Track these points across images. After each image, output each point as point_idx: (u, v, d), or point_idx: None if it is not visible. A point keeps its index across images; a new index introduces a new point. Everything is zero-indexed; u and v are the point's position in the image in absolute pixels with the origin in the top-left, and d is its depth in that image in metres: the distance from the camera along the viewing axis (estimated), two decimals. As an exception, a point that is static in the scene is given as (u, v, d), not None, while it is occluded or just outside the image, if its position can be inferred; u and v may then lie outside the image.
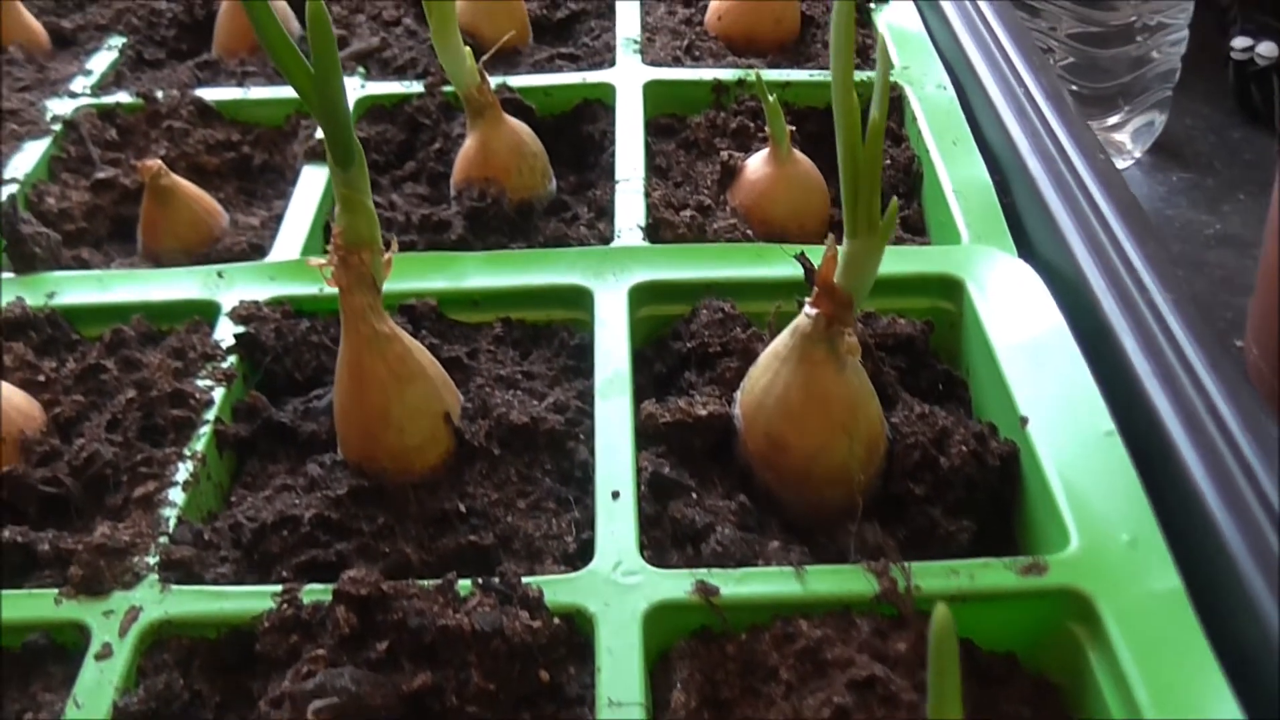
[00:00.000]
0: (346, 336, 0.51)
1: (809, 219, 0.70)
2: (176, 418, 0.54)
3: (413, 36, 0.83)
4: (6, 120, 0.77)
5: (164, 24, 0.88)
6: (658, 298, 0.61)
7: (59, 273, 0.65)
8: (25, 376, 0.58)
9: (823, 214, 0.71)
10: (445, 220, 0.67)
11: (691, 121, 0.76)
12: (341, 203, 0.48)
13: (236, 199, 0.76)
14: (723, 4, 0.83)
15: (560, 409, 0.56)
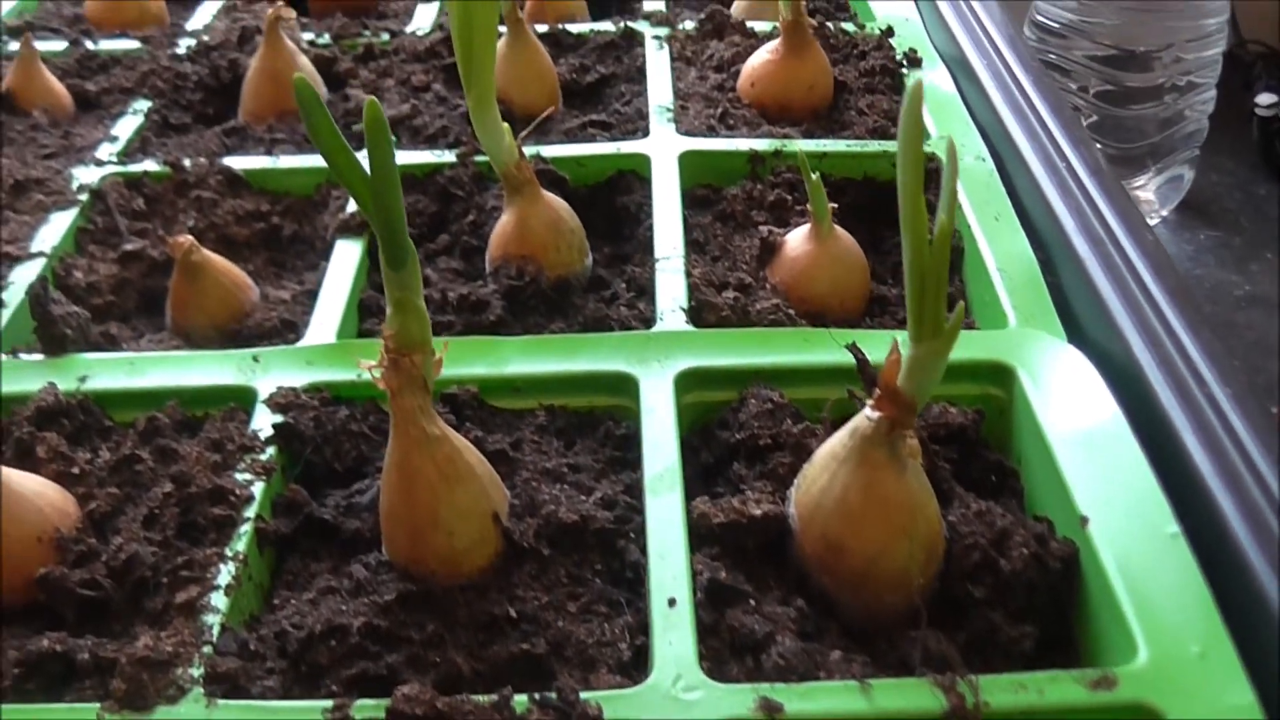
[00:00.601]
0: (396, 438, 0.50)
1: (850, 296, 0.69)
2: (217, 516, 0.53)
3: (443, 103, 0.82)
4: (33, 190, 0.76)
5: (189, 87, 0.87)
6: (703, 384, 0.60)
7: (89, 355, 0.64)
8: (59, 469, 0.57)
9: (863, 290, 0.70)
10: (483, 300, 0.66)
11: (728, 193, 0.75)
12: (394, 305, 0.47)
13: (266, 271, 0.75)
14: (755, 70, 0.82)
15: (609, 504, 0.55)
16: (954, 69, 0.86)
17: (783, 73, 0.81)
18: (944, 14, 0.91)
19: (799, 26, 0.80)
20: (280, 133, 0.81)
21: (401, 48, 0.89)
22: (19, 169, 0.78)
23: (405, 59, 0.87)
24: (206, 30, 0.94)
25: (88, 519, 0.55)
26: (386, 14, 0.98)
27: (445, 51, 0.87)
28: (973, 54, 0.84)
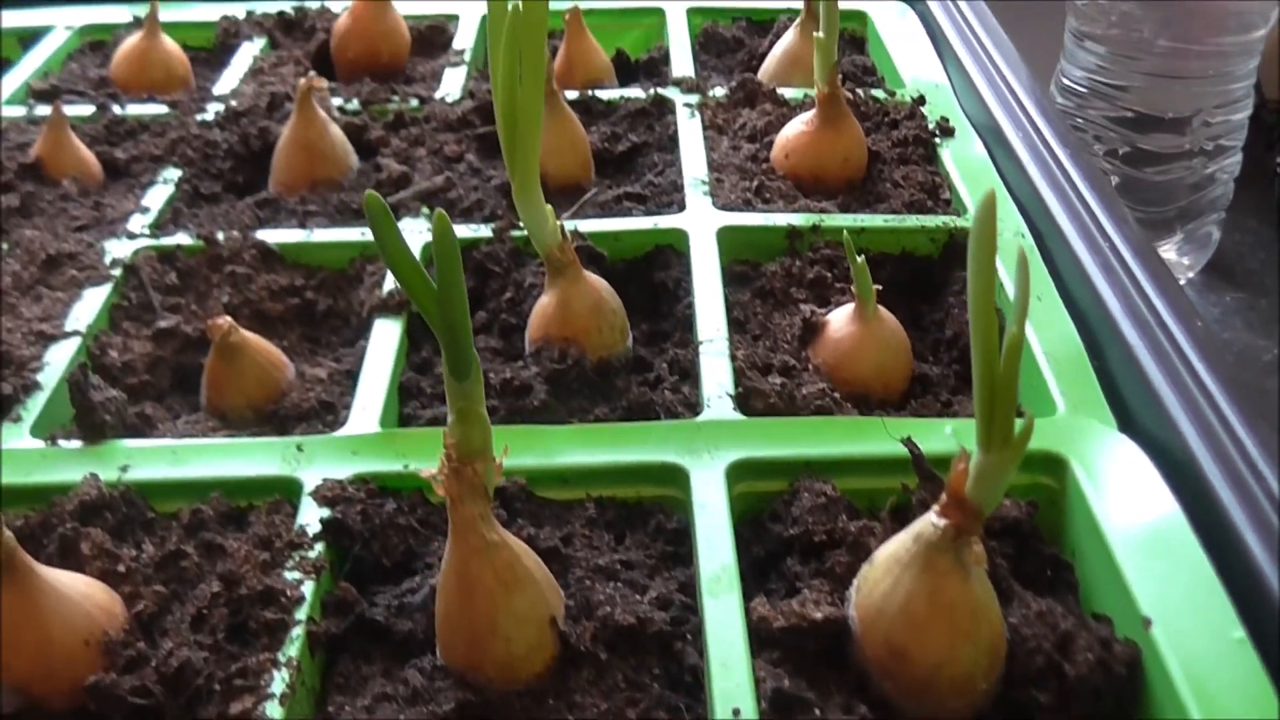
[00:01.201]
0: (454, 545, 0.49)
1: (893, 377, 0.68)
2: (269, 620, 0.52)
3: (477, 174, 0.82)
4: (66, 264, 0.76)
5: (219, 156, 0.87)
6: (753, 474, 0.60)
7: (129, 442, 0.63)
8: (104, 566, 0.56)
9: (906, 371, 0.69)
10: (526, 384, 0.65)
11: (767, 270, 0.74)
12: (457, 414, 0.47)
13: (300, 347, 0.74)
14: (790, 141, 0.82)
15: (664, 604, 0.54)
16: (986, 138, 0.85)
17: (818, 144, 0.81)
18: (974, 79, 0.90)
19: (834, 99, 0.80)
20: (313, 204, 0.81)
21: (432, 115, 0.88)
22: (51, 242, 0.77)
23: (437, 127, 0.87)
24: (234, 95, 0.94)
25: (135, 620, 0.54)
26: (414, 77, 0.98)
27: (477, 120, 0.87)
28: (1006, 123, 0.84)
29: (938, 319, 0.74)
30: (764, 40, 1.01)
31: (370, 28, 0.96)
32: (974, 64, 0.92)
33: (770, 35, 1.00)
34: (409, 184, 0.81)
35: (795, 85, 0.93)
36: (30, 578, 0.51)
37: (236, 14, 1.07)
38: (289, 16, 1.06)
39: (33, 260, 0.76)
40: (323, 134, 0.83)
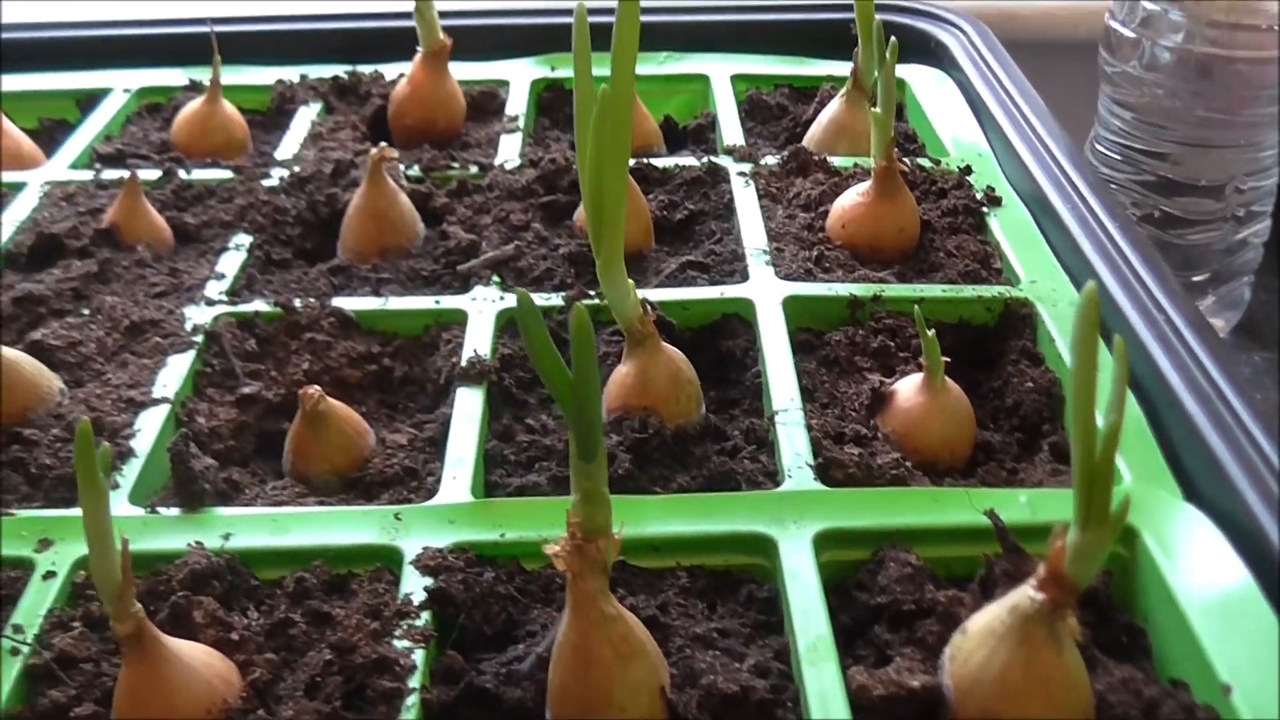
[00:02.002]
0: (573, 619, 0.51)
1: (959, 445, 0.71)
2: (386, 689, 0.54)
3: (544, 243, 0.84)
4: (149, 331, 0.78)
5: (288, 222, 0.89)
6: (837, 544, 0.62)
7: (229, 510, 0.65)
8: (217, 635, 0.57)
9: (970, 439, 0.72)
10: (609, 453, 0.67)
11: (831, 339, 0.77)
12: (582, 494, 0.49)
13: (378, 412, 0.76)
14: (846, 211, 0.85)
15: (762, 672, 0.56)
16: (1032, 207, 0.88)
17: (874, 215, 0.84)
18: (1016, 147, 0.94)
19: (891, 172, 0.82)
20: (385, 272, 0.83)
21: (496, 184, 0.91)
22: (133, 309, 0.79)
23: (500, 195, 0.89)
24: (297, 161, 0.96)
25: (251, 688, 0.56)
26: (470, 143, 1.00)
27: (541, 189, 0.89)
28: (1052, 193, 0.87)
29: (996, 387, 0.76)
30: (807, 107, 1.04)
31: (428, 95, 0.99)
32: (1015, 132, 0.95)
33: (814, 103, 1.03)
34: (477, 252, 0.84)
35: (841, 153, 0.95)
36: (157, 649, 0.53)
37: (290, 78, 1.10)
38: (343, 81, 1.08)
39: (116, 326, 0.78)
40: (393, 202, 0.85)
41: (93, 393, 0.73)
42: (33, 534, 0.64)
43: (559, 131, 1.05)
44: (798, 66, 1.10)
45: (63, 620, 0.59)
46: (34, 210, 0.92)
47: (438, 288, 0.83)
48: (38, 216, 0.91)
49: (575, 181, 0.90)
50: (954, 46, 1.08)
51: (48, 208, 0.92)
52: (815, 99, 1.04)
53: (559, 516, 0.62)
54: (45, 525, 0.64)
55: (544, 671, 0.55)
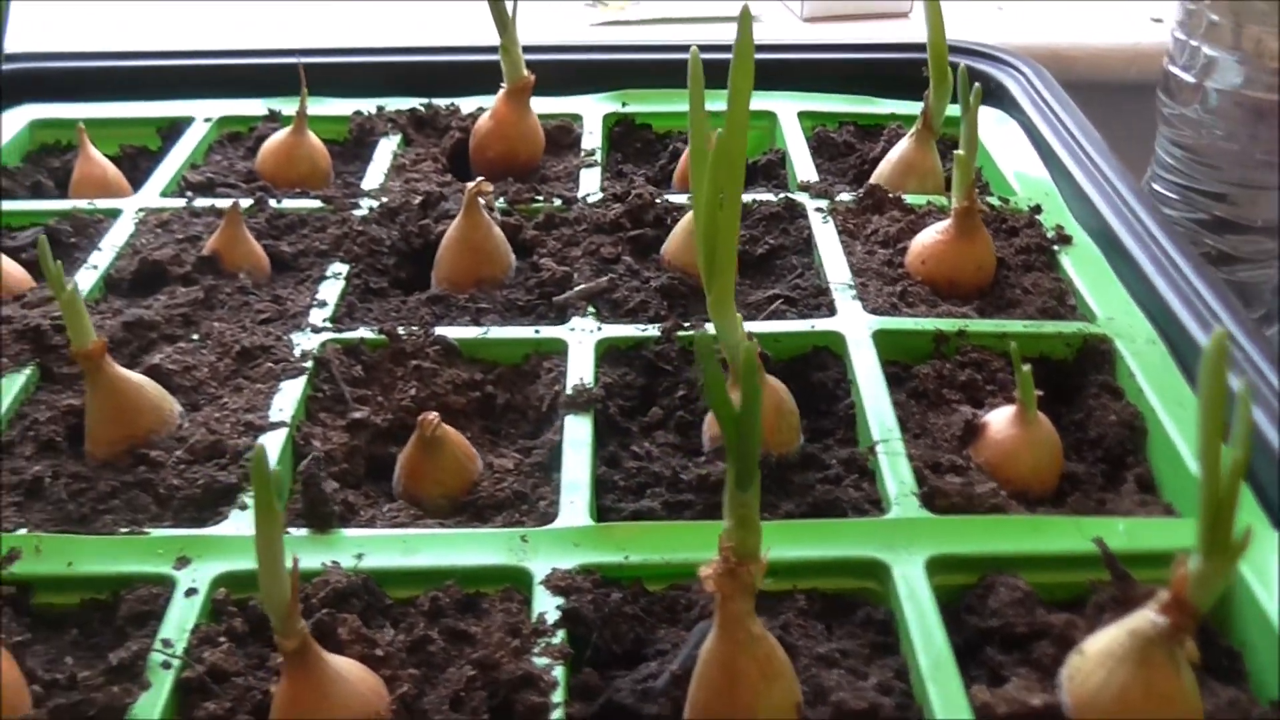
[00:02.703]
0: (721, 639, 0.54)
1: (1048, 476, 0.74)
2: (533, 704, 0.57)
3: (635, 276, 0.87)
4: (260, 356, 0.80)
5: (384, 252, 0.92)
6: (946, 569, 0.65)
7: (355, 531, 0.68)
8: (362, 651, 0.60)
9: (1058, 470, 0.75)
10: (719, 481, 0.70)
11: (918, 371, 0.80)
12: (737, 520, 0.52)
13: (482, 438, 0.79)
14: (926, 248, 0.88)
15: (886, 690, 0.59)
16: (1100, 245, 0.91)
17: (954, 253, 0.87)
18: (1083, 186, 0.97)
19: (971, 212, 0.86)
20: (483, 302, 0.86)
21: (583, 218, 0.94)
22: (242, 335, 0.82)
23: (588, 229, 0.92)
24: (383, 191, 0.99)
25: (398, 702, 0.58)
26: (549, 176, 1.03)
27: (628, 224, 0.92)
28: (1122, 232, 0.90)
29: (1077, 420, 0.79)
30: (874, 145, 1.07)
31: (510, 130, 1.02)
32: (1081, 171, 0.98)
33: (882, 141, 1.07)
34: (570, 283, 0.87)
35: (910, 191, 0.99)
36: (318, 664, 0.55)
37: (366, 109, 1.13)
38: (421, 113, 1.12)
39: (227, 352, 0.81)
40: (488, 235, 0.88)
41: (211, 416, 0.76)
42: (169, 552, 0.66)
43: (632, 165, 1.08)
44: (862, 105, 1.13)
45: (209, 636, 0.62)
46: (131, 236, 0.95)
47: (534, 318, 0.85)
48: (136, 243, 0.94)
49: (660, 216, 0.93)
50: (1013, 87, 1.12)
51: (144, 234, 0.95)
52: (882, 137, 1.08)
53: (678, 541, 0.66)
54: (182, 544, 0.67)
55: (678, 689, 0.58)
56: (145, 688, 0.59)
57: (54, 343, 0.82)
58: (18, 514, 0.70)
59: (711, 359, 0.50)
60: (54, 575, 0.66)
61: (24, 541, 0.67)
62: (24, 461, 0.74)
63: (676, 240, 0.89)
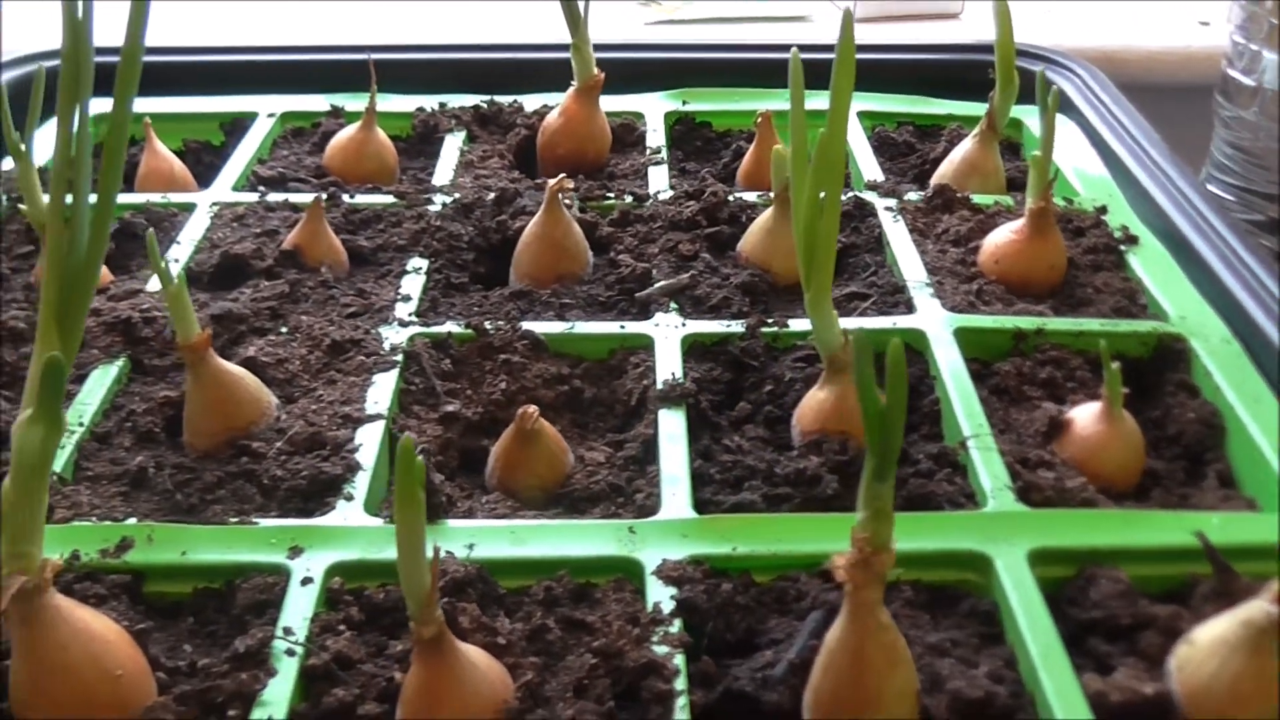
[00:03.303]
0: (850, 626, 0.55)
1: (1132, 472, 0.76)
2: (660, 690, 0.58)
3: (715, 273, 0.89)
4: (351, 350, 0.82)
5: (462, 247, 0.93)
6: (1045, 562, 0.66)
7: (462, 522, 0.69)
8: (484, 639, 0.61)
9: (1141, 466, 0.76)
10: (815, 475, 0.72)
11: (999, 369, 0.81)
12: (874, 511, 0.53)
13: (570, 432, 0.80)
14: (1000, 248, 0.89)
15: (998, 679, 0.60)
16: (1166, 245, 0.93)
17: (1027, 252, 0.88)
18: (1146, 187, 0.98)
19: (1046, 212, 0.87)
20: (566, 297, 0.87)
21: (658, 215, 0.95)
22: (330, 329, 0.83)
23: (663, 226, 0.94)
24: (454, 187, 1.00)
25: (524, 689, 0.59)
26: (616, 174, 1.05)
27: (704, 221, 0.94)
28: (1189, 232, 0.92)
29: (1155, 417, 0.81)
30: (933, 145, 1.09)
31: (581, 127, 1.03)
32: (1144, 172, 1.00)
33: (943, 141, 1.08)
34: (650, 279, 0.88)
35: (972, 191, 1.00)
36: (452, 652, 0.56)
37: (429, 105, 1.14)
38: (484, 110, 1.13)
39: (317, 345, 0.82)
40: (569, 231, 0.89)
41: (307, 409, 0.77)
42: (281, 541, 0.67)
43: (695, 163, 1.10)
44: (920, 105, 1.15)
45: (330, 624, 0.63)
46: (207, 230, 0.96)
47: (616, 313, 0.87)
48: (213, 237, 0.95)
49: (735, 214, 0.95)
50: (1069, 89, 1.14)
51: (220, 228, 0.96)
52: (943, 137, 1.09)
53: (783, 533, 0.68)
54: (293, 534, 0.68)
55: (796, 677, 0.59)
56: (271, 675, 0.60)
57: (143, 335, 0.83)
58: (125, 504, 0.71)
59: (868, 357, 0.51)
60: (167, 564, 0.67)
61: (136, 531, 0.68)
62: (124, 452, 0.75)
63: (754, 237, 0.90)
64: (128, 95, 0.58)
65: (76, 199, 0.57)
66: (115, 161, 0.59)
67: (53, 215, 0.57)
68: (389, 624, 0.64)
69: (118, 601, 0.65)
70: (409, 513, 0.53)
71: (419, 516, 0.53)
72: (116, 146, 0.59)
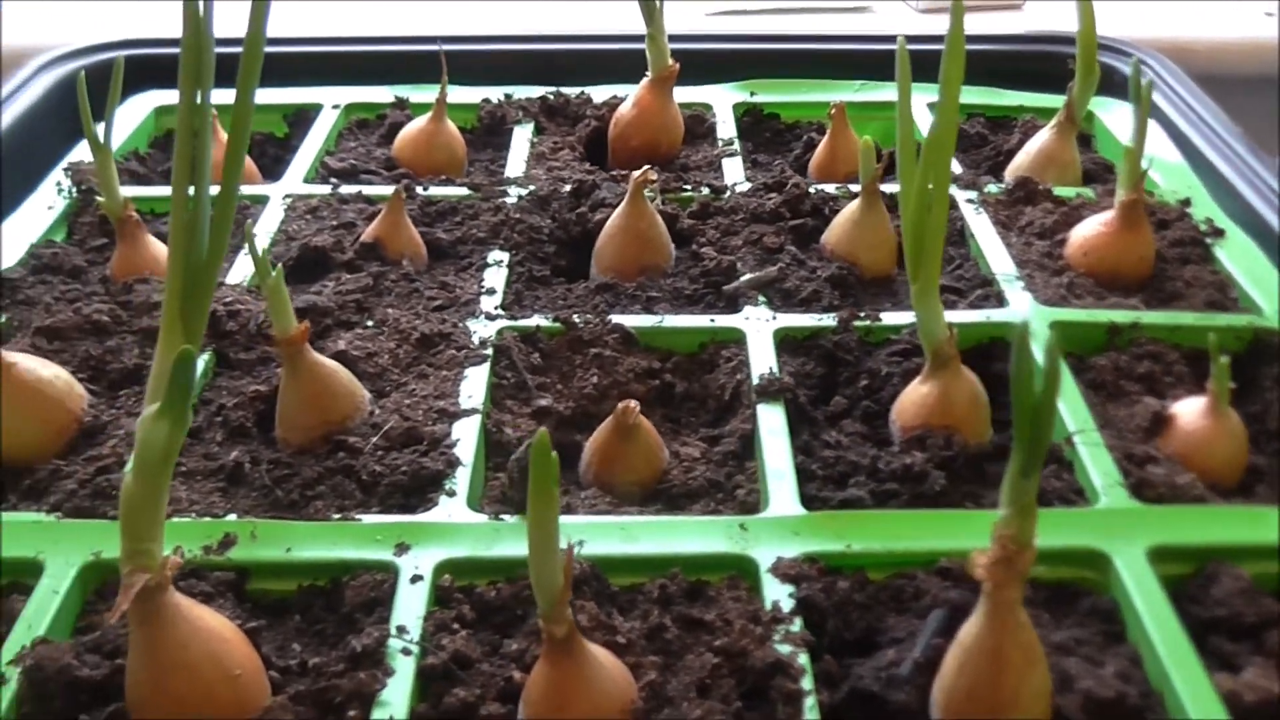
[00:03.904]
0: (989, 625, 0.54)
1: (1237, 467, 0.75)
2: (789, 690, 0.57)
3: (801, 265, 0.88)
4: (440, 343, 0.81)
5: (543, 240, 0.92)
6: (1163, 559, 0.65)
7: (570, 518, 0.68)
8: (605, 639, 0.60)
9: (1245, 462, 0.75)
10: (922, 471, 0.71)
11: (1094, 363, 0.80)
12: (1019, 508, 0.52)
13: (663, 427, 0.79)
14: (1089, 240, 0.88)
15: (1125, 679, 0.59)
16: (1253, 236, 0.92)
17: (1117, 245, 0.87)
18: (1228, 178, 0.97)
19: (1137, 205, 0.86)
20: (651, 290, 0.86)
21: (739, 207, 0.94)
22: (417, 322, 0.82)
23: (745, 219, 0.93)
24: (528, 179, 1.00)
25: (648, 689, 0.58)
26: (689, 166, 1.04)
27: (788, 213, 0.93)
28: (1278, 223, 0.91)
29: (1253, 411, 0.80)
30: (1006, 137, 1.08)
31: (654, 119, 1.02)
32: (1226, 164, 0.99)
33: (1017, 133, 1.07)
34: (735, 273, 0.87)
35: (1049, 183, 0.99)
36: (582, 652, 0.56)
37: (494, 97, 1.13)
38: (551, 102, 1.12)
39: (405, 339, 0.81)
40: (652, 223, 0.88)
41: (401, 403, 0.76)
42: (387, 538, 0.66)
43: (766, 155, 1.09)
44: (991, 97, 1.14)
45: (443, 622, 0.62)
46: (282, 223, 0.95)
47: (703, 306, 0.86)
48: (288, 229, 0.94)
49: (817, 206, 0.94)
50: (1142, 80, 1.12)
51: (294, 220, 0.95)
52: (1015, 128, 1.08)
53: (897, 530, 0.67)
54: (399, 530, 0.67)
55: (923, 676, 0.59)
56: (389, 674, 0.59)
57: (228, 329, 0.82)
58: (224, 500, 0.71)
59: (1027, 349, 0.50)
60: (272, 561, 0.66)
61: (240, 527, 0.67)
62: (216, 447, 0.75)
63: (839, 230, 0.90)
64: (250, 86, 0.57)
65: (199, 190, 0.56)
66: (237, 153, 0.58)
67: (176, 209, 0.56)
68: (501, 622, 0.63)
69: (224, 599, 0.64)
70: (543, 509, 0.52)
71: (553, 513, 0.53)
72: (239, 138, 0.58)
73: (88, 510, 0.69)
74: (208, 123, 0.57)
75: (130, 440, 0.73)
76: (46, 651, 0.59)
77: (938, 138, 0.69)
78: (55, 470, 0.72)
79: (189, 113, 0.57)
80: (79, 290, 0.88)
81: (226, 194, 0.57)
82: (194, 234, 0.56)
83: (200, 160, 0.57)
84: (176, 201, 0.56)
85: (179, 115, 0.57)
